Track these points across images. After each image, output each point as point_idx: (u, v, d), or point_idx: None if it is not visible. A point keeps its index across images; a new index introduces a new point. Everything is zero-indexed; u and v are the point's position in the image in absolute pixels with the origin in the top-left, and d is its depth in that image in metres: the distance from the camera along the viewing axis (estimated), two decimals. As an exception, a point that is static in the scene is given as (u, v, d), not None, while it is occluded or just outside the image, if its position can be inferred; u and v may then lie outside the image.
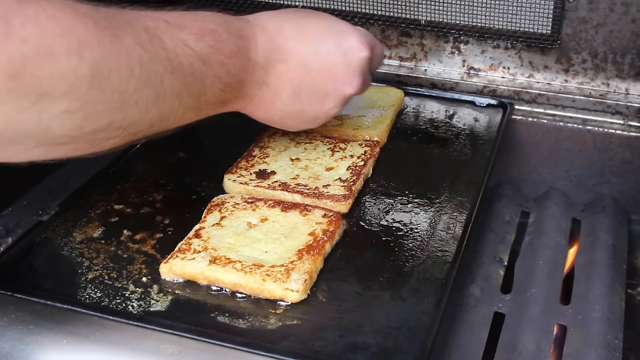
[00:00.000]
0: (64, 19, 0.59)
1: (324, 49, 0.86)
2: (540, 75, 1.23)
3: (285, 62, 0.83)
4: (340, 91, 0.88)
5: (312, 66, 0.85)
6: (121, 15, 0.67)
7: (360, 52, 0.87)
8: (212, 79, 0.75)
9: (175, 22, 0.71)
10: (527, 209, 1.18)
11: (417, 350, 0.74)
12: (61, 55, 0.58)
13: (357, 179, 0.96)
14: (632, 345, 0.94)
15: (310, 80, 0.85)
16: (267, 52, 0.82)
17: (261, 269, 0.81)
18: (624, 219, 1.15)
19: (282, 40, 0.83)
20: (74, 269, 0.85)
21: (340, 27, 0.88)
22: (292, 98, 0.86)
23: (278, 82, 0.84)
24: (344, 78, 0.87)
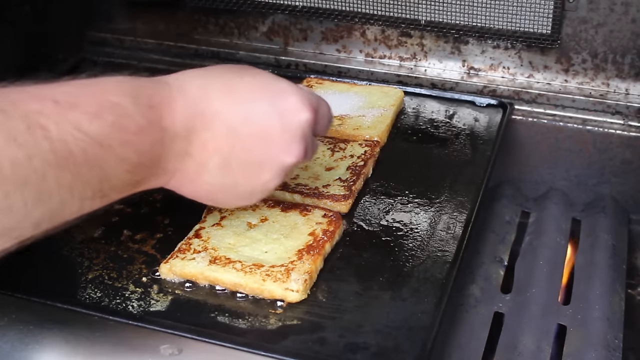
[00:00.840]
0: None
1: (257, 111, 0.73)
2: (540, 75, 1.23)
3: (210, 129, 0.71)
4: (278, 160, 0.75)
5: (243, 132, 0.72)
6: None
7: (300, 114, 0.74)
8: (115, 161, 0.63)
9: (66, 101, 0.61)
10: (527, 209, 1.18)
11: (417, 350, 0.74)
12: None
13: (357, 179, 0.96)
14: (632, 345, 0.94)
15: (241, 149, 0.73)
16: (188, 119, 0.69)
17: (261, 269, 0.81)
18: (624, 219, 1.15)
19: (206, 103, 0.71)
20: (74, 269, 0.85)
21: (277, 85, 0.75)
22: (221, 170, 0.73)
23: (203, 152, 0.71)
24: (281, 145, 0.74)
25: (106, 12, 1.44)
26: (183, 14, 1.39)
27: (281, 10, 1.29)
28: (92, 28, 1.44)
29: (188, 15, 1.39)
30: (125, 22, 1.44)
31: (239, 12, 1.34)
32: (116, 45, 1.43)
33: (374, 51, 1.31)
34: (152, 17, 1.42)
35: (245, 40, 1.37)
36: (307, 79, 1.22)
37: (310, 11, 1.28)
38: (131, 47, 1.42)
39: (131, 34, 1.42)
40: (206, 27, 1.39)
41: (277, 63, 1.33)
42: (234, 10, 1.33)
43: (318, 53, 1.34)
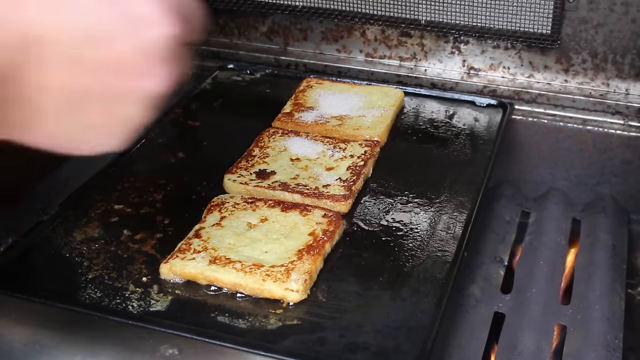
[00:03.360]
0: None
1: (101, 27, 0.54)
2: (540, 75, 1.23)
3: (41, 61, 0.54)
4: (137, 89, 0.57)
5: (83, 58, 0.55)
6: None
7: (159, 28, 0.56)
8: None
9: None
10: (527, 209, 1.18)
11: (417, 350, 0.74)
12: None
13: (357, 179, 0.96)
14: (632, 345, 0.94)
15: (85, 80, 0.56)
16: (6, 49, 0.52)
17: (261, 269, 0.81)
18: (624, 219, 1.15)
19: (24, 23, 0.52)
20: (74, 269, 0.85)
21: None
22: (65, 110, 0.57)
23: (38, 93, 0.55)
24: (137, 69, 0.56)
25: (106, 12, 1.44)
26: (183, 14, 1.39)
27: (281, 10, 1.29)
28: (92, 28, 1.44)
29: (188, 15, 1.39)
30: (125, 22, 1.44)
31: (239, 12, 1.34)
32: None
33: (374, 51, 1.31)
34: (152, 17, 1.42)
35: (245, 40, 1.37)
36: (307, 79, 1.22)
37: (310, 11, 1.28)
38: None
39: (131, 34, 1.42)
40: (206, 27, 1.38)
41: (277, 63, 1.33)
42: (234, 10, 1.33)
43: (318, 53, 1.34)
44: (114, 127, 0.60)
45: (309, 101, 1.15)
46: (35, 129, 0.58)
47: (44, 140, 0.59)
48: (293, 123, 1.09)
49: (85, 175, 1.05)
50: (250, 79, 1.27)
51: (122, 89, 0.57)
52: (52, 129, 0.58)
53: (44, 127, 0.58)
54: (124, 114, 0.59)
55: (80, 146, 0.61)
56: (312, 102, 1.14)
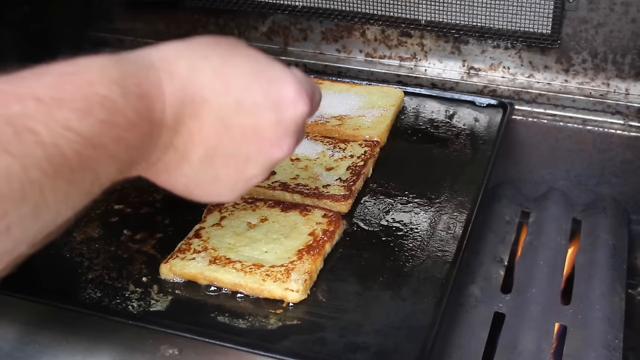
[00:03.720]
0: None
1: (250, 101, 0.65)
2: (540, 75, 1.23)
3: (199, 118, 0.63)
4: (266, 155, 0.67)
5: (232, 122, 0.65)
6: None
7: (297, 108, 0.67)
8: (107, 161, 0.57)
9: (50, 97, 0.52)
10: (527, 209, 1.18)
11: (417, 350, 0.74)
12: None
13: (357, 179, 0.96)
14: (632, 345, 0.94)
15: (229, 141, 0.65)
16: (177, 107, 0.62)
17: (261, 269, 0.81)
18: (624, 219, 1.15)
19: (195, 89, 0.63)
20: (74, 269, 0.85)
21: (273, 71, 0.67)
22: (203, 162, 0.66)
23: (188, 143, 0.64)
24: (273, 139, 0.67)
25: (106, 12, 1.44)
26: (183, 14, 1.39)
27: (281, 10, 1.29)
28: (92, 28, 1.44)
29: (188, 15, 1.39)
30: (125, 22, 1.44)
31: (239, 12, 1.34)
32: (116, 45, 1.43)
33: (374, 51, 1.31)
34: (152, 17, 1.42)
35: (245, 40, 1.37)
36: (307, 79, 1.21)
37: (310, 11, 1.28)
38: (131, 47, 1.39)
39: (131, 34, 1.42)
40: (206, 27, 1.39)
41: (277, 63, 1.33)
42: (234, 10, 1.33)
43: (318, 53, 1.34)
44: (237, 183, 0.69)
45: (309, 101, 1.14)
46: (173, 173, 0.66)
47: (176, 184, 0.68)
48: (293, 123, 1.09)
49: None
50: (250, 79, 1.26)
51: (255, 153, 0.67)
52: (187, 176, 0.67)
53: (181, 173, 0.66)
54: (248, 174, 0.68)
55: (204, 194, 0.70)
56: (312, 102, 1.14)
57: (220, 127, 0.65)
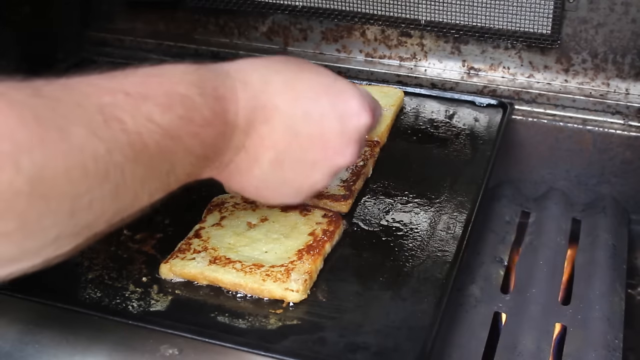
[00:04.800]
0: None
1: (317, 111, 0.72)
2: (540, 75, 1.23)
3: (269, 123, 0.70)
4: (331, 162, 0.74)
5: (301, 130, 0.71)
6: (70, 95, 0.56)
7: (360, 119, 0.74)
8: (183, 154, 0.63)
9: (137, 92, 0.59)
10: (527, 209, 1.18)
11: (417, 350, 0.74)
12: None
13: (357, 179, 0.96)
14: (632, 345, 0.94)
15: (297, 147, 0.72)
16: (250, 112, 0.68)
17: (261, 269, 0.81)
18: (624, 219, 1.15)
19: (267, 98, 0.70)
20: (74, 269, 0.85)
21: (339, 85, 0.74)
22: (273, 165, 0.72)
23: (259, 146, 0.70)
24: (337, 147, 0.73)
25: (106, 12, 1.44)
26: (183, 14, 1.39)
27: (281, 10, 1.29)
28: (92, 28, 1.44)
29: (188, 15, 1.39)
30: (125, 22, 1.44)
31: (239, 12, 1.34)
32: (116, 45, 1.43)
33: (374, 51, 1.31)
34: (152, 17, 1.42)
35: (245, 40, 1.37)
36: (307, 79, 1.21)
37: (310, 11, 1.28)
38: (131, 47, 1.42)
39: (131, 34, 1.42)
40: (206, 27, 1.39)
41: (277, 63, 1.33)
42: (234, 10, 1.33)
43: (318, 53, 1.34)
44: (302, 187, 0.76)
45: (309, 101, 1.14)
46: (245, 175, 0.72)
47: (247, 185, 0.74)
48: (293, 123, 1.09)
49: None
50: (250, 79, 1.26)
51: (321, 159, 0.73)
52: (257, 178, 0.72)
53: (253, 175, 0.72)
54: (313, 179, 0.75)
55: (272, 196, 0.77)
56: (312, 102, 1.14)
57: (290, 133, 0.71)
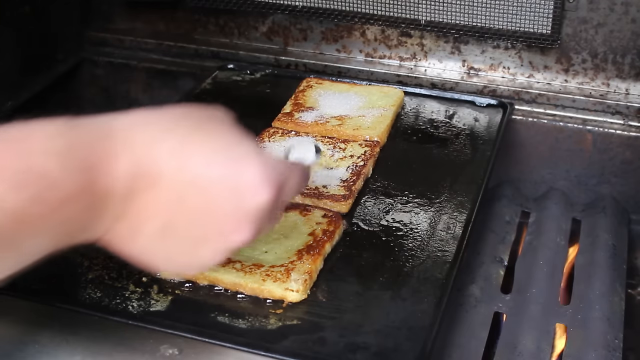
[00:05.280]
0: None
1: (207, 180, 0.62)
2: (540, 75, 1.23)
3: (153, 191, 0.61)
4: (224, 239, 0.64)
5: (188, 201, 0.62)
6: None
7: (258, 195, 0.62)
8: (36, 232, 0.56)
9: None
10: (527, 209, 1.18)
11: (417, 350, 0.74)
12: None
13: (357, 179, 0.96)
14: (632, 345, 0.94)
15: (183, 219, 0.62)
16: (131, 178, 0.60)
17: (261, 269, 0.81)
18: (624, 219, 1.15)
19: (152, 162, 0.61)
20: (74, 269, 0.85)
21: (238, 151, 0.63)
22: (158, 236, 0.63)
23: (142, 215, 0.62)
24: (230, 224, 0.63)
25: (106, 12, 1.44)
26: (183, 14, 1.39)
27: (281, 10, 1.29)
28: (92, 28, 1.44)
29: (188, 15, 1.39)
30: (125, 22, 1.44)
31: (239, 12, 1.34)
32: (116, 45, 1.43)
33: (374, 51, 1.31)
34: (152, 17, 1.42)
35: (245, 40, 1.37)
36: (307, 79, 1.22)
37: (310, 11, 1.28)
38: (131, 47, 1.42)
39: (131, 34, 1.42)
40: (206, 27, 1.39)
41: (277, 63, 1.33)
42: (234, 10, 1.33)
43: (318, 53, 1.34)
44: (191, 262, 0.67)
45: (308, 101, 1.15)
46: (126, 244, 0.64)
47: (130, 253, 0.65)
48: (293, 123, 1.09)
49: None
50: (250, 79, 1.27)
51: (212, 235, 0.64)
52: (141, 247, 0.64)
53: (135, 244, 0.64)
54: (203, 255, 0.65)
55: (161, 266, 0.69)
56: (312, 102, 1.14)
57: (175, 203, 0.62)
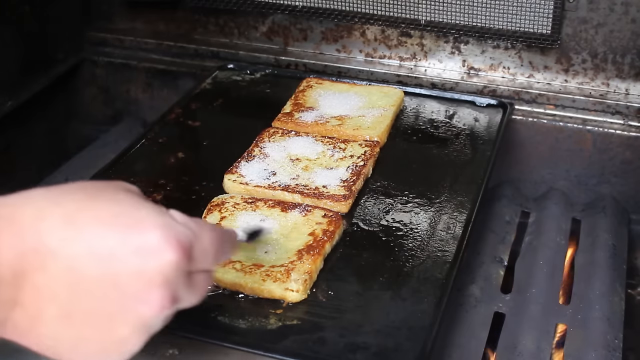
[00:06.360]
0: None
1: (105, 248, 0.56)
2: (540, 75, 1.23)
3: (44, 270, 0.55)
4: (132, 311, 0.58)
5: (86, 274, 0.56)
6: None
7: (160, 255, 0.57)
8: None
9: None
10: (527, 209, 1.18)
11: (417, 350, 0.74)
12: None
13: (357, 179, 0.96)
14: (632, 345, 0.94)
15: (84, 295, 0.57)
16: (16, 259, 0.55)
17: (261, 269, 0.81)
18: (624, 219, 1.15)
19: (39, 238, 0.55)
20: (74, 269, 0.85)
21: (135, 215, 0.59)
22: (60, 321, 0.57)
23: (36, 299, 0.56)
24: (135, 293, 0.57)
25: (106, 12, 1.44)
26: (183, 14, 1.39)
27: (281, 10, 1.29)
28: (92, 28, 1.44)
29: (188, 15, 1.39)
30: (125, 22, 1.44)
31: (239, 12, 1.34)
32: (116, 45, 1.43)
33: (374, 51, 1.31)
34: (152, 17, 1.42)
35: (245, 40, 1.37)
36: (307, 79, 1.22)
37: (310, 11, 1.28)
38: (131, 47, 1.42)
39: (131, 34, 1.42)
40: (206, 27, 1.39)
41: (277, 63, 1.33)
42: (234, 10, 1.33)
43: (318, 53, 1.34)
44: (107, 346, 0.59)
45: (308, 101, 1.15)
46: (29, 335, 0.58)
47: (35, 345, 0.59)
48: (293, 123, 1.09)
49: (85, 175, 1.05)
50: (250, 79, 1.27)
51: (119, 309, 0.58)
52: (47, 337, 0.58)
53: (38, 333, 0.58)
54: (118, 334, 0.59)
55: (75, 358, 0.60)
56: (312, 102, 1.14)
57: (72, 279, 0.56)
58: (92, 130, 1.44)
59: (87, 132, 1.44)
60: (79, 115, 1.49)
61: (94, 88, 1.47)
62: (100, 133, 1.42)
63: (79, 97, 1.48)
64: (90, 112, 1.49)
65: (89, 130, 1.45)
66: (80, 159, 1.34)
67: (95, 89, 1.47)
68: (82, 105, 1.49)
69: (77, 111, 1.48)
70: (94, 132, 1.43)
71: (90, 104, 1.49)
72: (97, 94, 1.48)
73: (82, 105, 1.49)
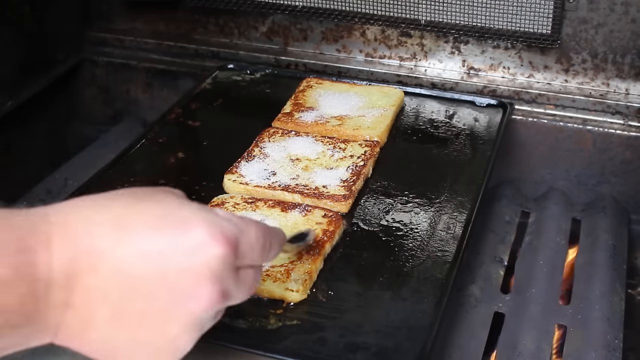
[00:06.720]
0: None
1: (154, 249, 0.58)
2: (540, 75, 1.23)
3: (96, 272, 0.57)
4: (183, 309, 0.58)
5: (137, 274, 0.57)
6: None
7: (207, 250, 0.58)
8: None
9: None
10: (527, 209, 1.18)
11: (417, 350, 0.74)
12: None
13: (357, 179, 0.96)
14: (632, 345, 0.94)
15: (136, 295, 0.57)
16: (68, 262, 0.56)
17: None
18: (624, 219, 1.15)
19: (90, 242, 0.57)
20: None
21: (180, 214, 0.60)
22: (112, 324, 0.58)
23: (88, 302, 0.57)
24: (185, 289, 0.58)
25: (106, 12, 1.44)
26: (183, 14, 1.39)
27: (281, 10, 1.29)
28: (92, 28, 1.44)
29: (188, 15, 1.39)
30: (125, 22, 1.44)
31: (239, 12, 1.34)
32: (116, 45, 1.43)
33: (374, 51, 1.31)
34: (152, 17, 1.42)
35: (245, 40, 1.37)
36: (307, 79, 1.22)
37: (310, 11, 1.28)
38: (131, 47, 1.42)
39: (131, 34, 1.42)
40: (206, 27, 1.39)
41: (277, 63, 1.33)
42: (234, 10, 1.33)
43: (318, 53, 1.34)
44: (162, 346, 0.60)
45: (308, 101, 1.15)
46: (81, 339, 0.58)
47: (88, 350, 0.60)
48: (293, 123, 1.09)
49: (85, 175, 1.05)
50: (250, 79, 1.27)
51: (170, 308, 0.58)
52: (97, 340, 0.58)
53: (90, 337, 0.58)
54: (170, 334, 0.59)
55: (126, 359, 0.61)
56: (312, 102, 1.14)
57: (123, 280, 0.57)
58: (92, 130, 1.44)
59: (87, 132, 1.44)
60: (79, 115, 1.49)
61: (94, 88, 1.47)
62: (100, 133, 1.42)
63: (79, 97, 1.48)
64: (90, 112, 1.49)
65: (89, 130, 1.45)
66: (80, 159, 1.34)
67: (95, 89, 1.47)
68: (82, 105, 1.49)
69: (77, 111, 1.48)
70: (94, 132, 1.43)
71: (90, 104, 1.49)
72: (97, 94, 1.48)
73: (82, 106, 1.49)
